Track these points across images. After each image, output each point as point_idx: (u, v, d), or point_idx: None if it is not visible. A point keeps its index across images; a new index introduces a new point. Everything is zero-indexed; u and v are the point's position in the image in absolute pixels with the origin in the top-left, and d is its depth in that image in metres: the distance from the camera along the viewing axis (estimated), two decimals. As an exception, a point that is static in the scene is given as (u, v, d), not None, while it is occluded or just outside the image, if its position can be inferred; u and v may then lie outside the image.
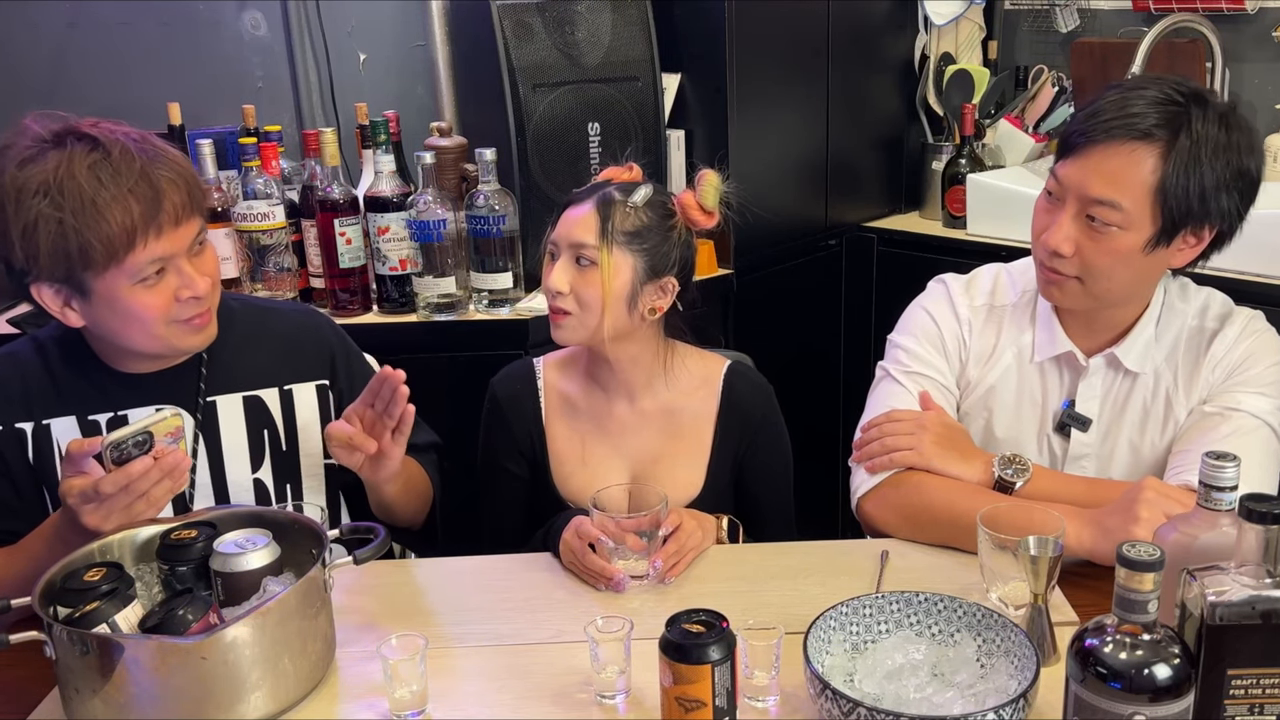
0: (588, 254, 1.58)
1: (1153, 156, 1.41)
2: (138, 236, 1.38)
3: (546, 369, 1.74)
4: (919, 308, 1.71)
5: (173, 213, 1.40)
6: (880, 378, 1.69)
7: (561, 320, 1.61)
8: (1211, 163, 1.41)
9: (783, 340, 2.78)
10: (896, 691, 1.19)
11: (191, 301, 1.45)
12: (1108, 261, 1.46)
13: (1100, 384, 1.60)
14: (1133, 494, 1.38)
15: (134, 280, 1.41)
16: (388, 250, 2.27)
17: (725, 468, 1.70)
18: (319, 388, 1.66)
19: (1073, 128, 1.48)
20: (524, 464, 1.73)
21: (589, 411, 1.70)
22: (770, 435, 1.72)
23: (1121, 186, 1.42)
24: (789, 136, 2.75)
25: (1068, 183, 1.46)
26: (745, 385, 1.71)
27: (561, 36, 2.35)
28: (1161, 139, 1.41)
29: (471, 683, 1.28)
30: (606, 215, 1.59)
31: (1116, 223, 1.44)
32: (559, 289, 1.59)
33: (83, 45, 2.74)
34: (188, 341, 1.50)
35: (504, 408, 1.73)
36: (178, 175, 1.42)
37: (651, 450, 1.68)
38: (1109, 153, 1.43)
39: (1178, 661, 0.99)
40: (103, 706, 1.16)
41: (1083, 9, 2.97)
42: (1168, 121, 1.42)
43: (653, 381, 1.68)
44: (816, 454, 2.76)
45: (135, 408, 1.54)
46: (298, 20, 2.82)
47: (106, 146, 1.38)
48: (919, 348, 1.66)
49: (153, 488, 1.29)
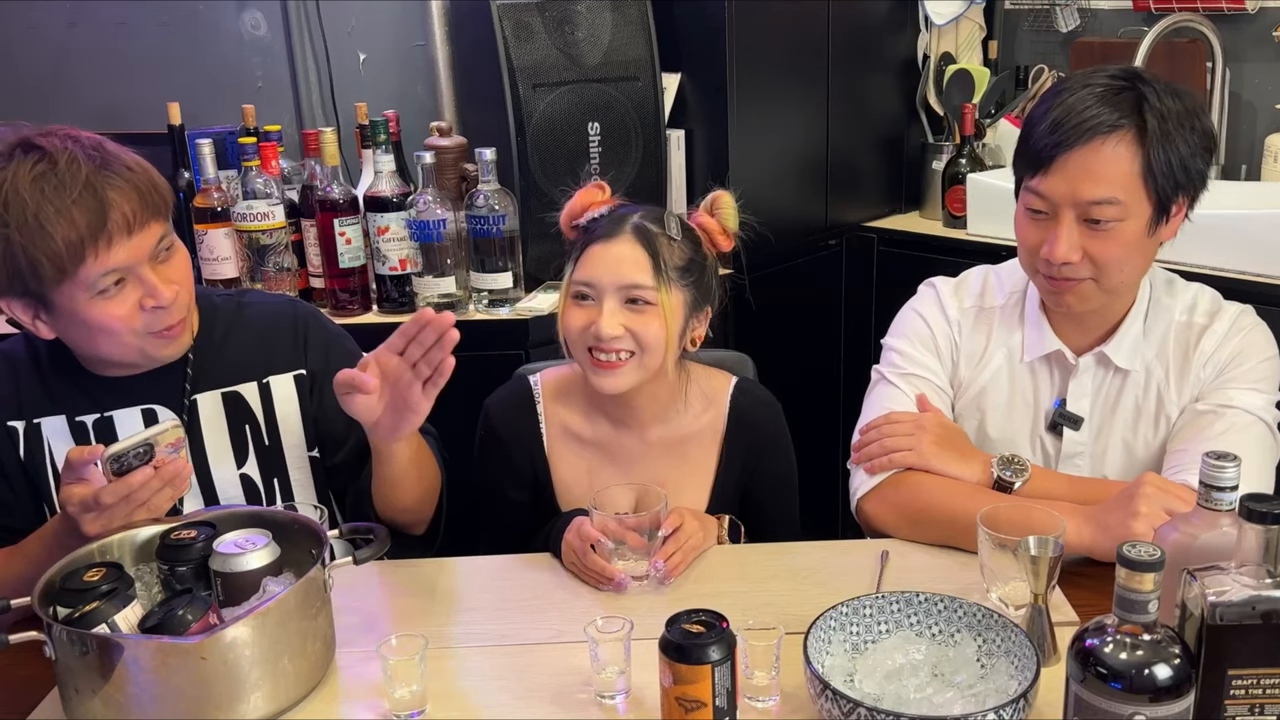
0: (644, 295, 1.51)
1: (1128, 144, 1.43)
2: (85, 249, 1.34)
3: (545, 396, 1.67)
4: (910, 310, 1.72)
5: (123, 222, 1.36)
6: (875, 381, 1.69)
7: (617, 368, 1.53)
8: (1180, 132, 1.44)
9: (783, 340, 2.78)
10: (896, 692, 1.19)
11: (158, 311, 1.42)
12: (1119, 254, 1.47)
13: (1091, 382, 1.60)
14: (1132, 490, 1.38)
15: (91, 293, 1.38)
16: (388, 250, 2.26)
17: (731, 485, 1.68)
18: (296, 378, 1.62)
19: (1038, 143, 1.47)
20: (525, 492, 1.68)
21: (595, 441, 1.66)
22: (777, 451, 1.70)
23: (1112, 182, 1.44)
24: (789, 136, 2.75)
25: (1055, 195, 1.46)
26: (751, 403, 1.68)
27: (561, 36, 2.35)
28: (1131, 125, 1.43)
29: (471, 683, 1.28)
30: (655, 251, 1.52)
31: (1117, 216, 1.45)
32: (615, 333, 1.51)
33: (83, 45, 2.74)
34: (160, 351, 1.48)
35: (503, 437, 1.67)
36: (128, 182, 1.37)
37: (657, 477, 1.62)
38: (1087, 155, 1.43)
39: (1178, 662, 0.99)
40: (102, 706, 1.16)
41: (1083, 9, 2.97)
42: (1128, 108, 1.43)
43: (666, 413, 1.64)
44: (816, 455, 2.75)
45: (121, 409, 1.53)
46: (298, 20, 2.82)
47: (53, 157, 1.35)
48: (912, 350, 1.67)
49: (153, 496, 1.29)
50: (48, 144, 1.36)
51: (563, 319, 1.57)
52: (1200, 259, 2.20)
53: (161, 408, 1.55)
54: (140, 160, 1.43)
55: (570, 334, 1.56)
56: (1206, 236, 2.18)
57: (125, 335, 1.42)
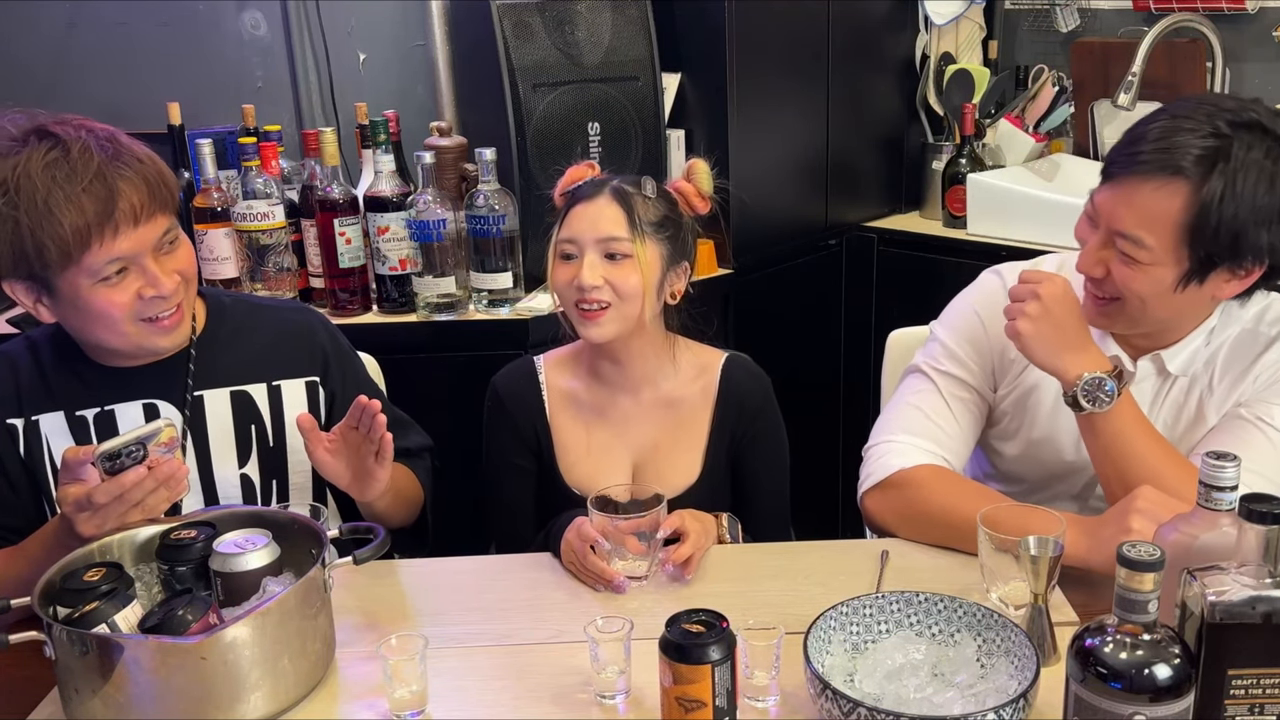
0: (620, 247, 1.60)
1: (1182, 195, 1.35)
2: (92, 236, 1.37)
3: (547, 367, 1.75)
4: (967, 304, 1.66)
5: (130, 212, 1.38)
6: (912, 368, 1.67)
7: (599, 316, 1.60)
8: (1248, 200, 1.34)
9: (783, 340, 2.78)
10: (896, 692, 1.19)
11: (156, 300, 1.44)
12: (1138, 290, 1.42)
13: (1149, 390, 1.55)
14: (1126, 504, 1.36)
15: (94, 279, 1.40)
16: (387, 250, 2.26)
17: (722, 453, 1.71)
18: (308, 384, 1.65)
19: (1115, 153, 1.43)
20: (530, 458, 1.74)
21: (592, 404, 1.72)
22: (767, 424, 1.74)
23: (1149, 223, 1.37)
24: (789, 136, 2.75)
25: (1101, 210, 1.43)
26: (742, 374, 1.73)
27: (561, 36, 2.35)
28: (1193, 177, 1.34)
29: (471, 683, 1.28)
30: (630, 207, 1.61)
31: (1142, 259, 1.39)
32: (594, 283, 1.59)
33: (83, 45, 2.74)
34: (156, 342, 1.49)
35: (507, 404, 1.74)
36: (138, 174, 1.40)
37: (652, 438, 1.71)
38: (1140, 186, 1.38)
39: (1178, 661, 0.99)
40: (102, 706, 1.16)
41: (1083, 9, 2.97)
42: (1205, 157, 1.34)
43: (656, 374, 1.71)
44: (816, 454, 2.76)
45: (122, 403, 1.54)
46: (297, 20, 2.82)
47: (67, 144, 1.38)
48: (957, 347, 1.63)
49: (147, 497, 1.29)
50: (62, 132, 1.39)
51: (551, 278, 1.66)
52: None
53: (164, 402, 1.56)
54: (150, 153, 1.45)
55: (559, 289, 1.65)
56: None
57: (122, 323, 1.44)
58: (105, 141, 1.40)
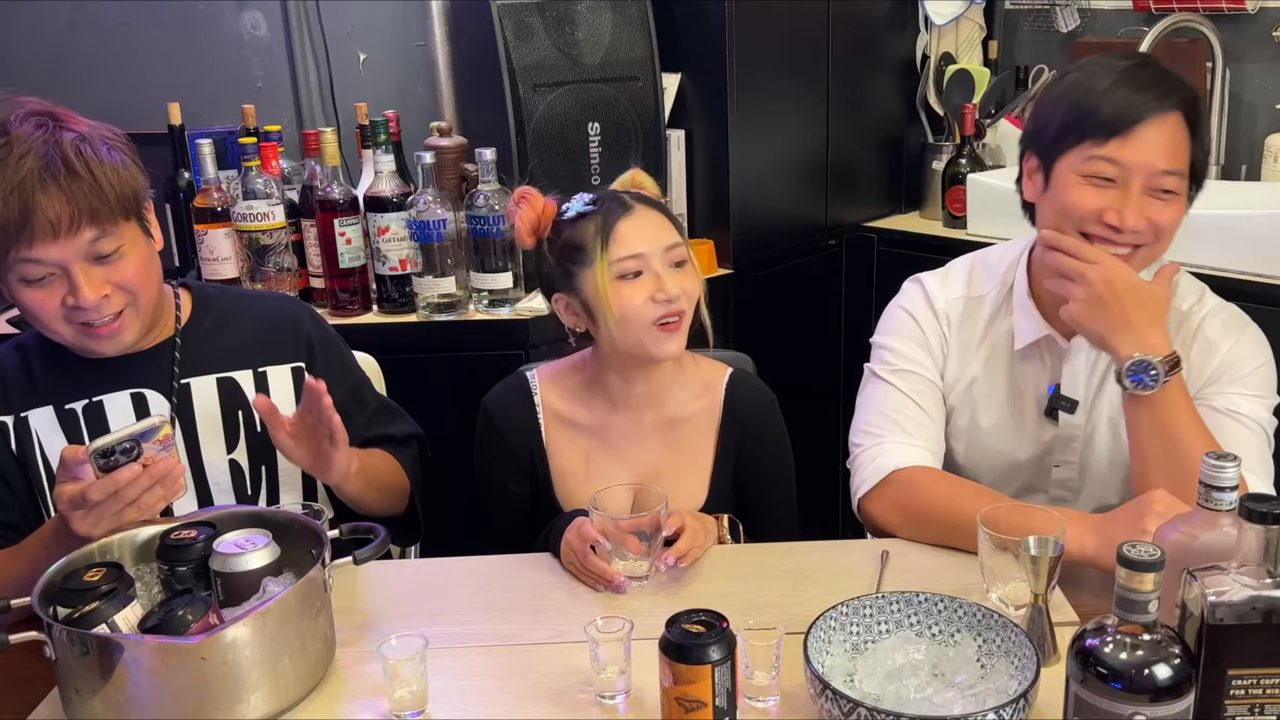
0: (683, 253, 1.58)
1: (1184, 122, 1.48)
2: (9, 242, 1.38)
3: (542, 384, 1.69)
4: (897, 308, 1.71)
5: (48, 226, 1.37)
6: (867, 379, 1.69)
7: (679, 328, 1.56)
8: (1205, 116, 1.51)
9: (783, 340, 2.78)
10: (897, 692, 1.19)
11: (78, 310, 1.43)
12: (1175, 222, 1.50)
13: (1084, 364, 1.60)
14: (1140, 506, 1.36)
15: (20, 279, 1.42)
16: (388, 250, 2.26)
17: (727, 476, 1.68)
18: (294, 370, 1.65)
19: (1110, 111, 1.47)
20: (525, 481, 1.69)
21: (591, 425, 1.67)
22: (772, 443, 1.71)
23: (1179, 155, 1.48)
24: (789, 136, 2.75)
25: (1130, 163, 1.47)
26: (747, 393, 1.69)
27: (561, 36, 2.35)
28: (1187, 102, 1.48)
29: (471, 683, 1.28)
30: (668, 212, 1.61)
31: (1179, 190, 1.49)
32: (677, 293, 1.54)
33: (83, 45, 2.74)
34: (93, 346, 1.49)
35: (500, 428, 1.68)
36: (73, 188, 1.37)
37: (654, 461, 1.65)
38: (1162, 126, 1.47)
39: (1178, 661, 0.99)
40: (102, 707, 1.16)
41: (1083, 9, 2.97)
42: (1185, 85, 1.50)
43: (662, 392, 1.65)
44: (816, 454, 2.75)
45: (109, 393, 1.55)
46: (297, 20, 2.82)
47: (10, 146, 1.37)
48: (903, 346, 1.66)
49: (143, 495, 1.29)
50: (18, 132, 1.39)
51: (618, 303, 1.53)
52: (1200, 259, 2.20)
53: (152, 392, 1.56)
54: (118, 163, 1.43)
55: (630, 311, 1.53)
56: (1206, 236, 2.20)
57: (53, 324, 1.45)
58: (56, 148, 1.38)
